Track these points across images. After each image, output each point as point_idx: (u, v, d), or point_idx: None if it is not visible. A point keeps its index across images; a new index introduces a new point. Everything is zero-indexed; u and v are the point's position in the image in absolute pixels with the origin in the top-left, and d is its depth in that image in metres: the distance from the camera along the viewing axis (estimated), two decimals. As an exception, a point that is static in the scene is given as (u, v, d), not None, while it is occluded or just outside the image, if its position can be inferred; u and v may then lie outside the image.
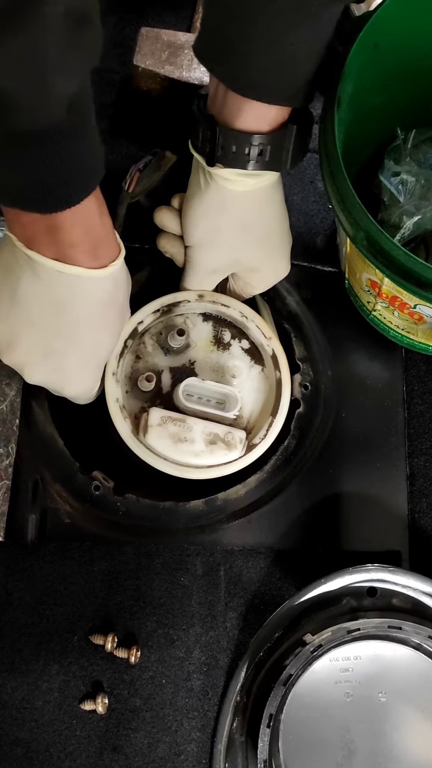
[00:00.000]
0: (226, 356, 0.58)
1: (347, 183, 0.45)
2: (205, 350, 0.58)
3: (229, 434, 0.54)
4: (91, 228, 0.45)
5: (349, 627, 0.52)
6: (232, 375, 0.57)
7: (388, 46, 0.50)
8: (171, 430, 0.53)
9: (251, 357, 0.58)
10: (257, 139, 0.48)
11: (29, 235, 0.45)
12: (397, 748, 0.53)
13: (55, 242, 0.45)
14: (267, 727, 0.52)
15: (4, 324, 0.49)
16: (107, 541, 0.58)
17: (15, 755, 0.54)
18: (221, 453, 0.53)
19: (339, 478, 0.62)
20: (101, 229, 0.46)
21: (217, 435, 0.53)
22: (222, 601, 0.57)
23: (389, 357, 0.65)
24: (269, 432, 0.55)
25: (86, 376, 0.52)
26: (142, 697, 0.56)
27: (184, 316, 0.58)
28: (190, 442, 0.53)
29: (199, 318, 0.58)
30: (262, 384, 0.58)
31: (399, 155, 0.60)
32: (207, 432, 0.53)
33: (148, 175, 0.58)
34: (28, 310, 0.48)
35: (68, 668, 0.56)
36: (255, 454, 0.55)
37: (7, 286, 0.48)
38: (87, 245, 0.46)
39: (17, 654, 0.56)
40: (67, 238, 0.45)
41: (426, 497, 0.62)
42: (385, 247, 0.44)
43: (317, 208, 0.67)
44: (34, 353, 0.49)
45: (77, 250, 0.46)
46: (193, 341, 0.58)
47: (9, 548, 0.58)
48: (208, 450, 0.53)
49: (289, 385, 0.57)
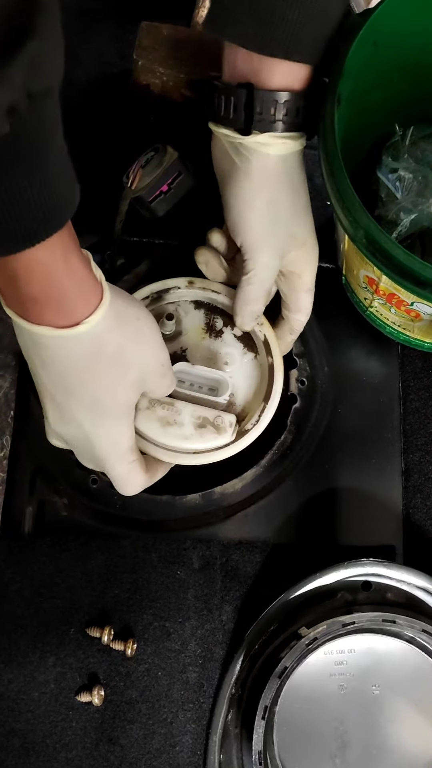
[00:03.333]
0: (218, 343, 0.57)
1: (347, 182, 0.45)
2: (197, 337, 0.57)
3: (219, 418, 0.53)
4: (53, 280, 0.40)
5: (343, 620, 0.53)
6: (225, 362, 0.57)
7: (387, 44, 0.50)
8: (159, 414, 0.52)
9: (244, 344, 0.57)
10: (293, 97, 0.48)
11: (1, 288, 0.41)
12: (390, 740, 0.54)
13: (18, 296, 0.40)
14: (262, 719, 0.52)
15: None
16: (104, 534, 0.58)
17: (12, 746, 0.55)
18: (211, 437, 0.53)
19: (335, 473, 0.62)
20: (67, 281, 0.41)
21: (206, 418, 0.53)
22: (218, 595, 0.58)
23: (385, 353, 0.65)
24: (261, 418, 0.55)
25: (103, 432, 0.47)
26: (138, 689, 0.56)
27: (175, 304, 0.58)
28: (179, 426, 0.52)
29: (191, 305, 0.58)
30: (255, 370, 0.57)
31: (397, 152, 0.61)
32: (196, 416, 0.53)
33: (149, 171, 0.58)
34: (29, 364, 0.46)
35: (65, 660, 0.56)
36: (247, 440, 0.55)
37: None
38: (49, 299, 0.40)
39: (14, 646, 0.56)
40: (26, 289, 0.40)
41: (420, 492, 0.62)
42: (385, 246, 0.44)
43: (315, 205, 0.66)
44: (47, 406, 0.47)
45: (39, 305, 0.40)
46: (185, 329, 0.57)
47: (6, 541, 0.58)
48: (198, 433, 0.53)
49: (281, 371, 0.56)
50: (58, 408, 0.47)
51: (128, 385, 0.47)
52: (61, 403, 0.46)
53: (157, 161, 0.58)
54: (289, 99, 0.48)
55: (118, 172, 0.59)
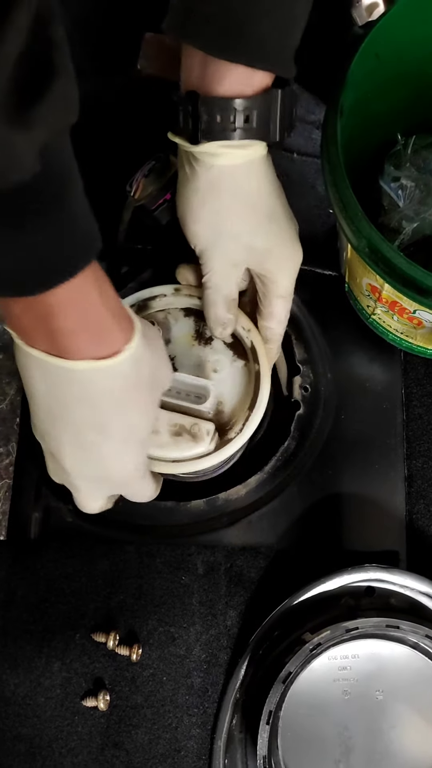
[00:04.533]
0: (207, 350, 0.56)
1: (350, 192, 0.46)
2: (186, 345, 0.56)
3: (195, 426, 0.51)
4: (90, 309, 0.39)
5: (347, 626, 0.53)
6: (214, 369, 0.56)
7: (389, 55, 0.50)
8: None
9: (234, 351, 0.56)
10: (242, 104, 0.45)
11: (24, 327, 0.40)
12: (393, 745, 0.54)
13: (50, 333, 0.39)
14: (266, 724, 0.52)
15: (40, 430, 0.45)
16: (109, 540, 0.59)
17: (18, 751, 0.55)
18: (187, 445, 0.51)
19: (338, 479, 0.63)
20: (104, 311, 0.40)
21: (182, 426, 0.51)
22: (222, 600, 0.58)
23: (388, 360, 0.65)
24: (245, 427, 0.53)
25: (130, 458, 0.47)
26: (143, 694, 0.56)
27: (165, 312, 0.57)
28: (154, 434, 0.51)
29: (181, 313, 0.57)
30: (245, 378, 0.56)
31: (399, 160, 0.61)
32: (172, 423, 0.51)
33: (152, 180, 0.58)
34: (49, 408, 0.43)
35: (70, 665, 0.56)
36: (230, 449, 0.53)
37: (27, 387, 0.44)
38: (88, 332, 0.40)
39: (20, 651, 0.56)
40: (61, 325, 0.39)
41: (423, 498, 0.63)
42: (387, 255, 0.45)
43: (317, 213, 0.67)
44: (65, 449, 0.45)
45: (78, 339, 0.40)
46: (173, 336, 0.56)
47: (12, 546, 0.59)
48: (173, 441, 0.51)
49: (268, 379, 0.55)
50: (84, 452, 0.45)
51: (156, 404, 0.47)
52: (92, 441, 0.44)
53: (160, 171, 0.58)
54: (237, 105, 0.45)
55: (121, 181, 0.59)
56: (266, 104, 0.46)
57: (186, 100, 0.46)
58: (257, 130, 0.47)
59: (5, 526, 0.59)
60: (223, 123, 0.45)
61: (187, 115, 0.46)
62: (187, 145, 0.47)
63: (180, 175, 0.51)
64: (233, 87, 0.45)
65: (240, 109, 0.45)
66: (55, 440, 0.45)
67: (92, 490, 0.49)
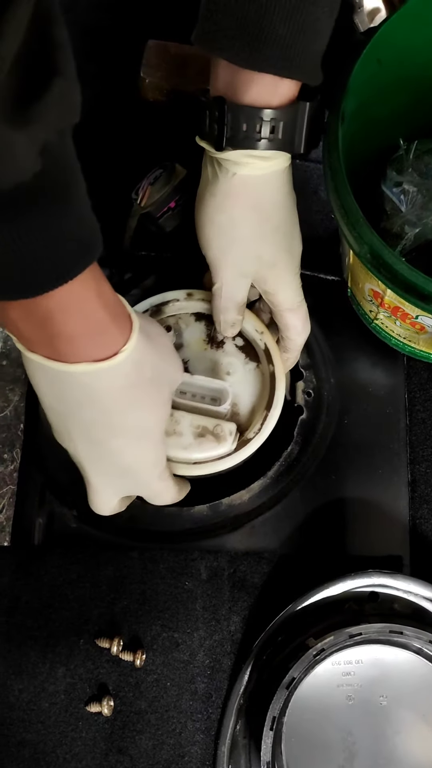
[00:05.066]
0: (219, 354, 0.57)
1: (351, 198, 0.46)
2: (199, 349, 0.58)
3: (218, 427, 0.53)
4: (90, 313, 0.40)
5: (351, 631, 0.53)
6: (227, 372, 0.57)
7: (390, 61, 0.50)
8: None
9: (246, 354, 0.58)
10: (268, 114, 0.45)
11: (24, 333, 0.40)
12: (398, 751, 0.54)
13: (50, 338, 0.39)
14: (270, 730, 0.52)
15: (54, 428, 0.46)
16: (113, 546, 0.59)
17: (22, 756, 0.55)
18: (210, 446, 0.53)
19: (341, 484, 0.63)
20: (103, 313, 0.40)
21: (205, 428, 0.53)
22: (226, 605, 0.58)
23: (391, 365, 0.65)
24: (264, 426, 0.54)
25: (145, 457, 0.48)
26: (147, 699, 0.56)
27: (176, 317, 0.58)
28: (178, 435, 0.52)
29: (192, 318, 0.58)
30: (258, 379, 0.57)
31: (401, 166, 0.61)
32: (195, 425, 0.53)
33: (158, 188, 0.59)
34: (57, 411, 0.44)
35: (74, 671, 0.57)
36: (249, 449, 0.54)
37: (35, 389, 0.44)
38: (88, 334, 0.40)
39: (24, 657, 0.57)
40: (61, 330, 0.39)
41: (427, 503, 0.62)
42: (388, 261, 0.45)
43: (320, 218, 0.68)
44: (79, 449, 0.46)
45: (78, 342, 0.40)
46: (186, 341, 0.58)
47: (16, 552, 0.59)
48: (197, 443, 0.52)
49: (283, 378, 0.56)
50: (97, 450, 0.45)
51: (165, 402, 0.48)
52: (101, 440, 0.45)
53: (166, 179, 0.59)
54: (264, 116, 0.46)
55: (127, 188, 0.60)
56: (292, 116, 0.47)
57: (213, 105, 0.47)
58: (282, 141, 0.47)
59: (9, 532, 0.59)
60: (249, 132, 0.46)
61: (213, 120, 0.47)
62: (213, 151, 0.48)
63: (202, 177, 0.51)
64: (261, 96, 0.46)
65: (266, 119, 0.46)
66: (69, 438, 0.46)
67: (107, 487, 0.49)
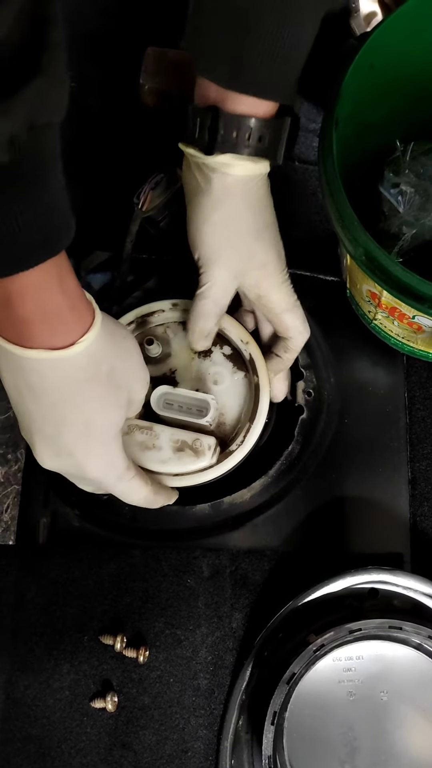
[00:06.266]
0: (207, 363, 0.57)
1: (346, 201, 0.46)
2: (186, 359, 0.57)
3: (197, 441, 0.53)
4: (48, 300, 0.41)
5: (350, 627, 0.54)
6: (214, 381, 0.56)
7: (383, 65, 0.51)
8: (138, 438, 0.52)
9: (233, 363, 0.57)
10: (257, 123, 0.48)
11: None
12: (398, 746, 0.55)
13: (10, 319, 0.41)
14: (271, 725, 0.53)
15: (18, 419, 0.47)
16: (116, 544, 0.60)
17: (28, 751, 0.56)
18: (189, 460, 0.52)
19: (342, 482, 0.63)
20: (62, 302, 0.41)
21: (184, 442, 0.52)
22: (228, 603, 0.59)
23: (391, 364, 0.66)
24: (246, 438, 0.54)
25: (96, 457, 0.47)
26: (151, 695, 0.57)
27: (164, 326, 0.58)
28: (157, 450, 0.52)
29: (180, 327, 0.58)
30: (245, 390, 0.57)
31: (398, 167, 0.62)
32: (174, 439, 0.52)
33: (159, 192, 0.59)
34: (13, 396, 0.45)
35: (79, 667, 0.57)
36: (231, 461, 0.54)
37: (3, 379, 0.45)
38: (44, 319, 0.41)
39: (29, 653, 0.58)
40: (18, 312, 0.40)
41: (427, 501, 0.63)
42: (383, 264, 0.45)
43: (319, 219, 0.68)
44: (35, 438, 0.46)
45: (33, 326, 0.41)
46: (173, 350, 0.57)
47: (21, 550, 0.60)
48: (176, 457, 0.52)
49: (267, 390, 0.56)
50: (47, 441, 0.46)
51: (120, 406, 0.48)
52: (51, 434, 0.45)
53: (166, 183, 0.59)
54: (253, 124, 0.48)
55: (128, 192, 0.61)
56: (278, 128, 0.49)
57: (205, 113, 0.49)
58: (267, 149, 0.50)
59: (14, 531, 0.60)
60: (239, 138, 0.48)
61: (204, 127, 0.49)
62: (201, 156, 0.50)
63: (189, 186, 0.52)
64: (249, 108, 0.49)
65: (255, 128, 0.48)
66: (28, 432, 0.46)
67: (73, 479, 0.50)
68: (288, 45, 0.45)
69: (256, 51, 0.45)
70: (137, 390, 0.50)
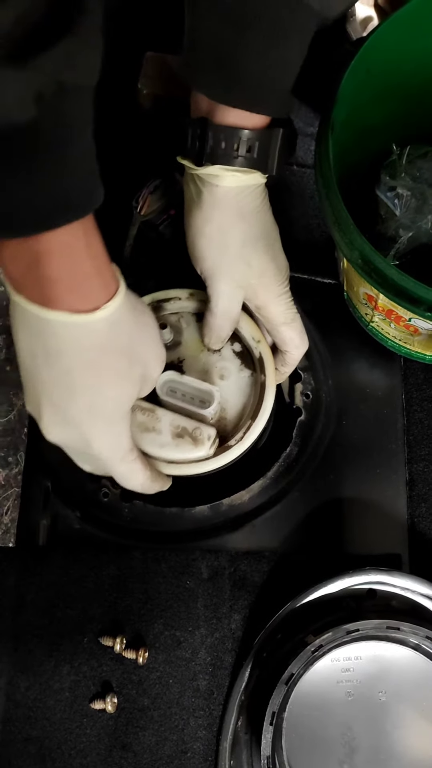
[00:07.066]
0: (215, 357, 0.57)
1: (342, 205, 0.47)
2: (196, 350, 0.57)
3: (198, 429, 0.52)
4: (74, 261, 0.41)
5: (348, 628, 0.54)
6: (220, 376, 0.56)
7: (379, 70, 0.52)
8: (139, 419, 0.52)
9: (242, 360, 0.58)
10: (246, 135, 0.49)
11: (14, 273, 0.41)
12: (397, 746, 0.55)
13: (37, 279, 0.41)
14: (270, 725, 0.53)
15: (24, 384, 0.46)
16: (115, 546, 0.60)
17: (28, 752, 0.56)
18: (187, 447, 0.52)
19: (340, 483, 0.64)
20: (89, 264, 0.42)
21: (185, 429, 0.52)
22: (227, 604, 0.59)
23: (388, 366, 0.66)
24: (246, 435, 0.54)
25: (103, 432, 0.46)
26: (150, 696, 0.57)
27: (178, 314, 0.58)
28: (156, 433, 0.52)
29: (194, 317, 0.58)
30: (250, 388, 0.56)
31: (394, 170, 0.62)
32: (175, 424, 0.52)
33: (158, 197, 0.60)
34: (26, 362, 0.44)
35: (79, 669, 0.58)
36: (228, 456, 0.54)
37: (14, 340, 0.44)
38: (70, 281, 0.41)
39: (30, 655, 0.58)
40: (45, 273, 0.40)
41: (425, 502, 0.63)
42: (379, 267, 0.46)
43: (316, 222, 0.69)
44: (43, 407, 0.45)
45: (59, 287, 0.41)
46: (184, 339, 0.57)
47: (21, 552, 0.60)
48: (174, 443, 0.52)
49: (273, 389, 0.55)
50: (55, 410, 0.45)
51: (134, 380, 0.47)
52: (60, 403, 0.45)
53: (165, 187, 0.60)
54: (242, 136, 0.49)
55: (127, 197, 0.61)
56: (267, 139, 0.50)
57: (196, 124, 0.50)
58: (257, 160, 0.50)
59: (14, 534, 0.60)
60: (227, 149, 0.49)
61: (195, 138, 0.50)
62: (193, 167, 0.50)
63: (186, 197, 0.53)
64: (238, 120, 0.49)
65: (243, 139, 0.49)
66: (34, 399, 0.46)
67: (74, 455, 0.49)
68: (276, 62, 0.46)
69: (244, 67, 0.46)
70: (153, 367, 0.49)
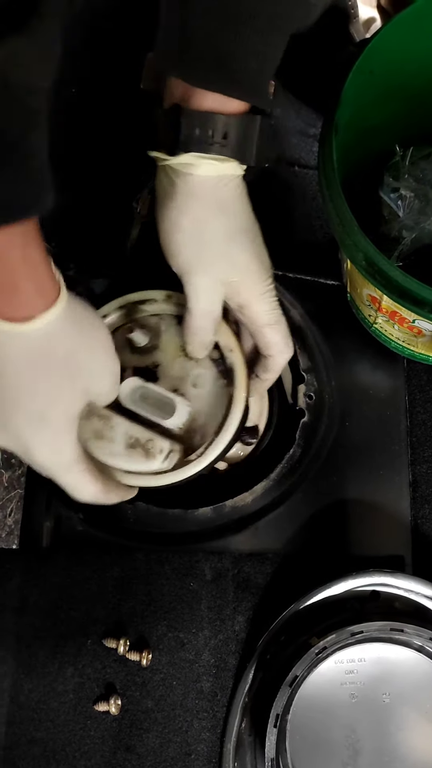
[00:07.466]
0: (191, 364, 0.53)
1: (346, 207, 0.47)
2: (173, 355, 0.54)
3: (151, 442, 0.49)
4: (6, 266, 0.39)
5: (352, 630, 0.54)
6: (193, 384, 0.53)
7: (382, 71, 0.51)
8: (94, 426, 0.48)
9: (219, 369, 0.54)
10: (222, 120, 0.45)
11: None
12: (401, 748, 0.55)
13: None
14: (274, 727, 0.53)
15: None
16: (119, 548, 0.60)
17: (32, 754, 0.56)
18: (138, 459, 0.49)
19: (343, 485, 0.63)
20: (23, 270, 0.40)
21: (138, 440, 0.49)
22: (230, 606, 0.59)
23: (391, 367, 0.66)
24: (207, 452, 0.50)
25: (43, 443, 0.45)
26: (154, 698, 0.57)
27: (159, 317, 0.55)
28: (108, 441, 0.48)
29: (174, 321, 0.54)
30: (224, 399, 0.52)
31: (398, 171, 0.62)
32: (129, 435, 0.49)
33: (158, 197, 0.60)
34: None
35: (82, 670, 0.58)
36: (187, 471, 0.50)
37: None
38: (2, 289, 0.39)
39: (33, 656, 0.58)
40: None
41: (428, 503, 0.63)
42: (383, 268, 0.46)
43: (319, 224, 0.69)
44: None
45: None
46: (162, 343, 0.54)
47: (25, 554, 0.60)
48: (126, 453, 0.49)
49: (241, 403, 0.51)
50: (5, 431, 0.44)
51: (75, 394, 0.45)
52: (6, 419, 0.43)
53: None
54: (218, 121, 0.46)
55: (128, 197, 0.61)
56: (244, 125, 0.47)
57: (169, 113, 0.47)
58: (234, 148, 0.47)
59: (18, 535, 0.60)
60: (202, 136, 0.46)
61: (168, 127, 0.47)
62: (166, 157, 0.47)
63: (158, 193, 0.49)
64: (214, 105, 0.46)
65: (220, 125, 0.46)
66: None
67: (25, 461, 0.48)
68: (257, 45, 0.43)
69: (226, 45, 0.43)
70: (100, 380, 0.47)
